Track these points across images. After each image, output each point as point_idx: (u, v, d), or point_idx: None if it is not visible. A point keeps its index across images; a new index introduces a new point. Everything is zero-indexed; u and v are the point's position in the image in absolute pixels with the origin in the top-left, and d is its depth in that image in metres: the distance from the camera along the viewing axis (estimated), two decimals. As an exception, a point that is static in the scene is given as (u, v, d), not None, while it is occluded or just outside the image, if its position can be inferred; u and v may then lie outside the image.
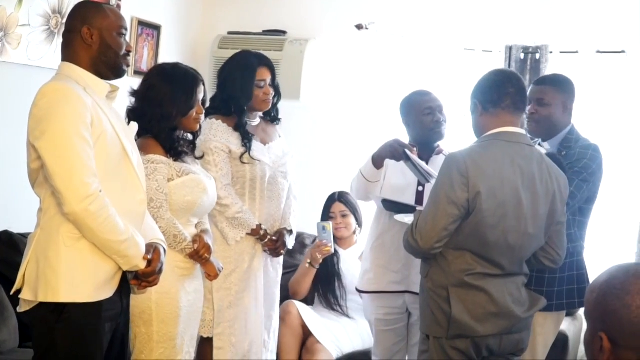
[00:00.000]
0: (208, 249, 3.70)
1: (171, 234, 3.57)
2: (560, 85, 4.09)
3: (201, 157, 3.97)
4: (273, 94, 4.30)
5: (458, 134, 5.24)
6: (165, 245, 3.25)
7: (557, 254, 3.67)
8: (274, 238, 4.28)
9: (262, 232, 4.22)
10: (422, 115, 4.28)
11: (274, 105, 4.37)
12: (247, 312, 4.22)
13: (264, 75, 4.25)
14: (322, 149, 5.94)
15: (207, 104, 4.03)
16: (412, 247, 3.53)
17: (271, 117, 4.41)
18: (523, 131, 3.59)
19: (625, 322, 1.87)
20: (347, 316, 5.21)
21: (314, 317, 5.08)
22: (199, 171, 3.77)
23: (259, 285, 4.27)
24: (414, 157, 4.02)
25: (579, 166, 3.90)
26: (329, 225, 5.02)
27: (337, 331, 5.06)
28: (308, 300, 5.29)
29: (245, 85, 4.20)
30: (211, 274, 3.77)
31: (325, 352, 4.86)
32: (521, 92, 3.55)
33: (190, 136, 3.83)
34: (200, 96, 3.72)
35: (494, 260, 3.48)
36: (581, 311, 4.54)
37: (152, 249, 3.11)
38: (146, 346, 3.57)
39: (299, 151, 4.76)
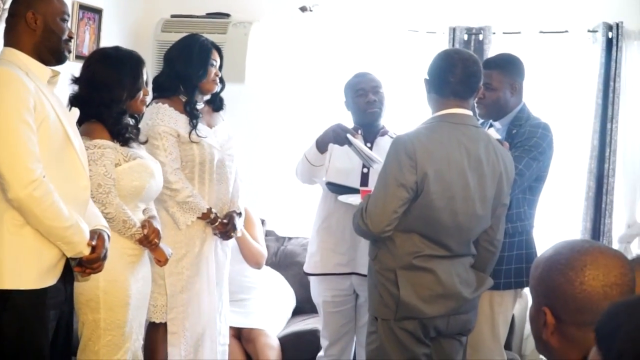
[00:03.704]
0: (157, 234, 3.66)
1: (120, 219, 3.52)
2: (506, 67, 4.07)
3: (145, 142, 3.92)
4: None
5: (405, 115, 5.28)
6: (109, 232, 3.23)
7: (497, 238, 3.69)
8: (224, 221, 4.25)
9: (212, 216, 4.19)
10: (356, 96, 4.33)
11: (217, 94, 4.34)
12: (199, 296, 4.20)
13: (216, 57, 4.25)
14: (266, 132, 5.91)
15: (149, 87, 3.98)
16: (362, 230, 3.53)
17: (215, 105, 4.38)
18: (469, 112, 3.58)
19: (568, 297, 1.88)
20: (242, 298, 5.12)
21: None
22: (145, 155, 3.73)
23: (210, 269, 4.24)
24: (356, 141, 4.02)
25: (528, 144, 3.91)
26: None
27: (256, 312, 5.01)
28: None
29: (201, 62, 4.17)
30: (161, 260, 3.73)
31: (263, 333, 4.83)
32: (464, 81, 3.50)
33: (132, 121, 3.79)
34: (145, 77, 3.70)
35: (442, 241, 3.50)
36: (526, 290, 4.58)
37: (96, 236, 3.09)
38: (94, 333, 3.53)
39: (243, 134, 4.74)
